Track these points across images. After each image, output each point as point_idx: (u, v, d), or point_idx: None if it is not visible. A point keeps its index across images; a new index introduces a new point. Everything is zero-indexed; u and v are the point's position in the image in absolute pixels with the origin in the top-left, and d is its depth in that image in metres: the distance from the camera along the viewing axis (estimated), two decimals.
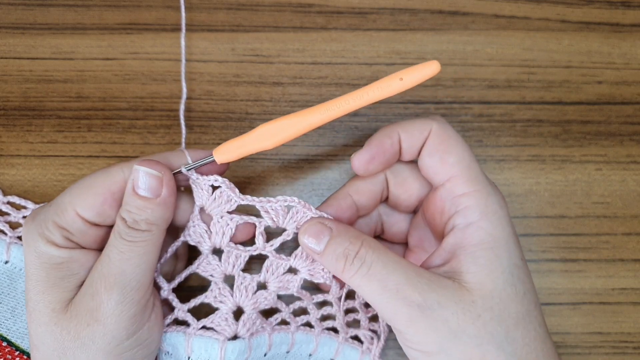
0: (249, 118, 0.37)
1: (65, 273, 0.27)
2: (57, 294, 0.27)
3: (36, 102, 0.37)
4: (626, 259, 0.37)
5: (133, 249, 0.27)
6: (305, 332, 0.33)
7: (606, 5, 0.39)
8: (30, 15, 0.38)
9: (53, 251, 0.27)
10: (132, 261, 0.27)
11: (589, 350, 0.37)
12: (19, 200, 0.36)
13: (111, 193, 0.28)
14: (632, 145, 0.38)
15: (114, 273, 0.27)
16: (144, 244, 0.27)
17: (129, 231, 0.27)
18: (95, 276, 0.27)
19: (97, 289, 0.27)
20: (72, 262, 0.27)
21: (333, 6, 0.39)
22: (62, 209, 0.27)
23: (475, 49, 0.39)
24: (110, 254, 0.27)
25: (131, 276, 0.27)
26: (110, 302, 0.27)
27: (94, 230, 0.28)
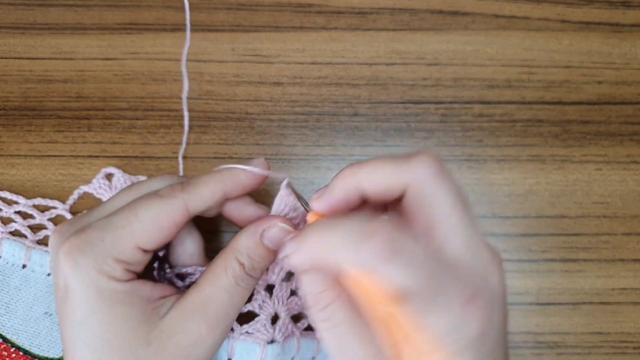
0: (249, 118, 0.37)
1: (130, 308, 0.26)
2: (130, 330, 0.26)
3: (36, 102, 0.37)
4: (626, 259, 0.37)
5: (243, 295, 0.28)
6: (309, 336, 0.34)
7: (606, 5, 0.39)
8: (30, 15, 0.38)
9: (117, 286, 0.26)
10: (238, 305, 0.28)
11: (589, 350, 0.37)
12: (10, 195, 0.36)
13: (176, 226, 0.27)
14: (632, 145, 0.38)
15: (220, 315, 0.27)
16: (250, 290, 0.28)
17: (246, 277, 0.28)
18: (197, 317, 0.27)
19: (198, 330, 0.27)
20: (134, 295, 0.26)
21: (333, 6, 0.39)
22: (124, 245, 0.26)
23: (475, 49, 0.39)
24: (220, 297, 0.27)
25: (233, 319, 0.28)
26: (210, 341, 0.27)
27: (147, 256, 0.28)
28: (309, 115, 0.38)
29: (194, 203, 0.28)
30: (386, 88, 0.38)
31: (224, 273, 0.28)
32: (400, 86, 0.38)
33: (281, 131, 0.37)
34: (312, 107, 0.38)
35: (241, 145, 0.37)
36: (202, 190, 0.28)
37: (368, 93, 0.38)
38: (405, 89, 0.38)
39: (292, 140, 0.37)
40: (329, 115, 0.38)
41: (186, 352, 0.26)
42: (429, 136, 0.38)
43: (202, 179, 0.29)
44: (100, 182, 0.36)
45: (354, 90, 0.38)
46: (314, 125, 0.38)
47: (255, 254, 0.28)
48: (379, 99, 0.38)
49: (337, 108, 0.38)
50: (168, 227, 0.27)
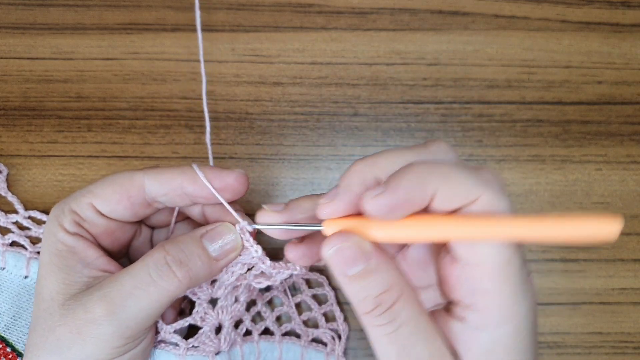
0: (249, 118, 0.37)
1: (64, 262, 0.27)
2: (57, 283, 0.27)
3: (36, 102, 0.37)
4: (626, 259, 0.37)
5: (150, 291, 0.26)
6: (267, 340, 0.34)
7: (606, 5, 0.39)
8: (30, 15, 0.38)
9: (61, 235, 0.27)
10: (141, 301, 0.26)
11: (589, 350, 0.37)
12: (40, 215, 0.36)
13: (128, 195, 0.28)
14: (632, 145, 0.38)
15: (116, 302, 0.25)
16: (162, 290, 0.26)
17: (162, 268, 0.26)
18: (97, 294, 0.26)
19: (94, 307, 0.25)
20: (71, 252, 0.27)
21: (333, 6, 0.39)
22: (80, 196, 0.28)
23: (475, 49, 0.39)
24: (124, 280, 0.26)
25: (131, 313, 0.26)
26: (106, 326, 0.25)
27: (102, 221, 0.28)
28: (309, 115, 0.38)
29: (150, 182, 0.28)
30: (386, 88, 0.38)
31: (142, 260, 0.26)
32: (400, 86, 0.38)
33: (281, 131, 0.37)
34: (312, 107, 0.38)
35: (241, 145, 0.37)
36: (162, 172, 0.28)
37: (368, 93, 0.38)
38: (405, 89, 0.38)
39: (292, 140, 0.37)
40: (329, 115, 0.38)
41: (79, 327, 0.25)
42: (429, 136, 0.38)
43: (167, 166, 0.29)
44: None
45: (354, 91, 0.38)
46: (314, 125, 0.38)
47: (186, 247, 0.27)
48: (379, 99, 0.38)
49: (337, 108, 0.38)
50: (120, 193, 0.27)
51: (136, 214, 0.29)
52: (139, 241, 0.32)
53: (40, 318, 0.27)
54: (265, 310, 0.35)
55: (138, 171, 0.28)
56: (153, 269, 0.26)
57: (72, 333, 0.25)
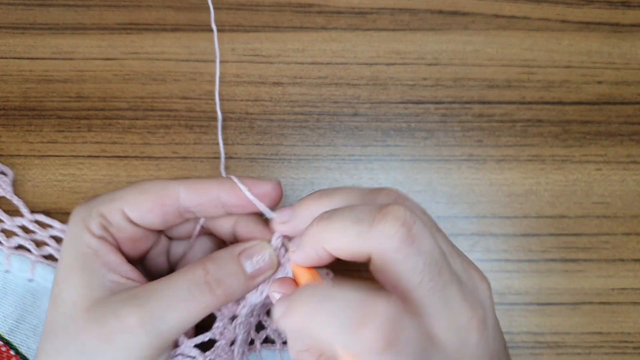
0: (249, 118, 0.37)
1: (87, 266, 0.26)
2: (80, 288, 0.26)
3: (36, 102, 0.37)
4: (626, 259, 0.37)
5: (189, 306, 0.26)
6: (269, 348, 0.34)
7: (606, 5, 0.39)
8: (30, 15, 0.38)
9: (87, 237, 0.27)
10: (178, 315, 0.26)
11: (589, 350, 0.37)
12: (45, 218, 0.36)
13: (161, 205, 0.28)
14: (632, 145, 0.38)
15: (155, 315, 0.25)
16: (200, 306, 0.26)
17: (202, 287, 0.26)
18: (133, 303, 0.25)
19: (127, 317, 0.25)
20: (96, 256, 0.27)
21: (333, 6, 0.39)
22: (110, 200, 0.27)
23: (475, 49, 0.39)
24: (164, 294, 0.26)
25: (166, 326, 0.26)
26: (137, 336, 0.25)
27: (129, 228, 0.28)
28: (309, 115, 0.38)
29: (185, 192, 0.28)
30: (386, 88, 0.38)
31: (182, 274, 0.27)
32: (400, 86, 0.38)
33: (281, 131, 0.37)
34: (312, 107, 0.38)
35: (241, 145, 0.37)
36: (198, 183, 0.28)
37: (368, 93, 0.38)
38: (405, 89, 0.38)
39: (292, 140, 0.37)
40: (329, 115, 0.38)
41: (109, 335, 0.25)
42: (428, 136, 0.38)
43: (202, 177, 0.29)
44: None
45: (354, 91, 0.38)
46: (314, 125, 0.38)
47: (225, 265, 0.27)
48: (379, 99, 0.38)
49: (337, 108, 0.38)
50: (153, 201, 0.27)
51: (166, 222, 0.29)
52: (156, 251, 0.32)
53: (59, 322, 0.26)
54: (266, 319, 0.35)
55: (172, 181, 0.28)
56: (194, 286, 0.26)
57: (100, 340, 0.25)
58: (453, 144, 0.38)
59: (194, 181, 0.28)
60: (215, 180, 0.28)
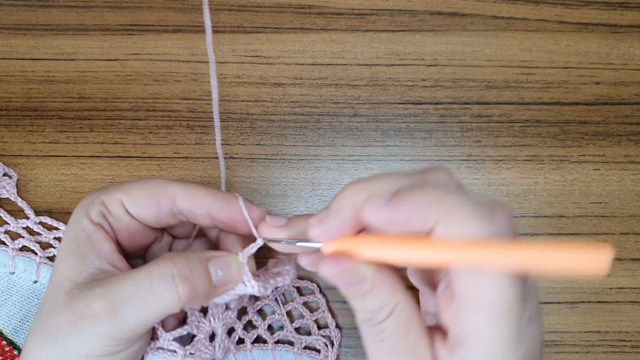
0: (250, 118, 0.38)
1: (79, 250, 0.27)
2: (68, 269, 0.27)
3: (38, 103, 0.37)
4: (624, 259, 0.37)
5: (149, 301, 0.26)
6: (260, 348, 0.34)
7: (604, 6, 0.40)
8: (32, 17, 0.38)
9: (84, 223, 0.28)
10: (140, 309, 0.26)
11: (587, 349, 0.37)
12: (51, 221, 0.36)
13: (157, 202, 0.28)
14: (629, 145, 0.38)
15: (115, 306, 0.25)
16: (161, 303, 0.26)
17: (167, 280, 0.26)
18: (99, 291, 0.26)
19: (93, 303, 0.25)
20: (88, 241, 0.27)
21: (333, 7, 0.39)
22: (112, 191, 0.28)
23: (474, 49, 0.39)
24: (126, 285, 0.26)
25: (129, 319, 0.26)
26: (95, 326, 0.25)
27: (127, 219, 0.29)
28: (309, 115, 0.38)
29: (181, 195, 0.28)
30: (386, 89, 0.38)
31: (146, 267, 0.27)
32: (399, 87, 0.38)
33: (281, 132, 0.38)
34: (312, 107, 0.38)
35: (242, 145, 0.37)
36: (194, 189, 0.29)
37: (368, 94, 0.38)
38: (405, 89, 0.38)
39: (292, 140, 0.38)
40: (329, 116, 0.38)
41: (76, 319, 0.25)
42: (428, 136, 0.38)
43: (201, 185, 0.30)
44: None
45: (353, 91, 0.38)
46: (314, 125, 0.38)
47: (193, 266, 0.27)
48: (378, 99, 0.38)
49: (337, 109, 0.38)
50: (150, 196, 0.28)
51: (160, 221, 0.29)
52: (158, 246, 0.32)
53: (47, 302, 0.27)
54: (257, 318, 0.35)
55: (173, 182, 0.29)
56: (156, 279, 0.26)
57: (70, 323, 0.26)
58: (452, 144, 0.38)
59: (192, 188, 0.29)
60: (211, 194, 0.29)
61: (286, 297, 0.36)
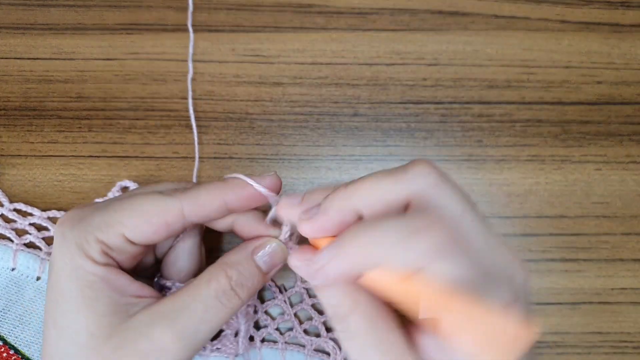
0: (249, 118, 0.37)
1: (98, 294, 0.26)
2: (94, 317, 0.25)
3: (37, 102, 0.37)
4: (625, 259, 0.37)
5: (221, 313, 0.26)
6: (270, 347, 0.34)
7: (606, 5, 0.39)
8: (30, 16, 0.38)
9: (89, 266, 0.26)
10: (212, 323, 0.26)
11: (588, 350, 0.37)
12: (25, 207, 0.36)
13: (166, 225, 0.27)
14: (631, 145, 0.38)
15: (189, 328, 0.25)
16: (229, 312, 0.27)
17: (230, 294, 0.27)
18: (164, 323, 0.25)
19: (162, 338, 0.25)
20: (104, 282, 0.26)
21: (333, 6, 0.39)
22: (108, 226, 0.26)
23: (475, 49, 0.39)
24: (194, 307, 0.26)
25: (204, 337, 0.26)
26: (173, 353, 0.25)
27: (132, 248, 0.27)
28: (309, 115, 0.38)
29: (190, 207, 0.27)
30: (386, 88, 0.38)
31: (206, 284, 0.26)
32: (400, 86, 0.38)
33: (281, 131, 0.37)
34: (312, 107, 0.38)
35: (241, 145, 0.37)
36: (200, 194, 0.27)
37: (368, 93, 0.38)
38: (405, 89, 0.38)
39: (292, 140, 0.37)
40: (329, 116, 0.38)
41: (144, 358, 0.25)
42: (428, 136, 0.38)
43: (203, 185, 0.28)
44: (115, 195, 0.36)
45: (354, 91, 0.38)
46: (314, 125, 0.38)
47: (244, 269, 0.27)
48: (379, 99, 0.38)
49: (337, 108, 0.38)
50: (157, 224, 0.26)
51: (170, 236, 0.28)
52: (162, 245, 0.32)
53: (75, 354, 0.25)
54: (266, 317, 0.35)
55: (172, 198, 0.27)
56: (222, 295, 0.27)
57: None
58: (453, 144, 0.38)
59: (196, 194, 0.27)
60: (215, 189, 0.28)
61: (292, 300, 0.36)
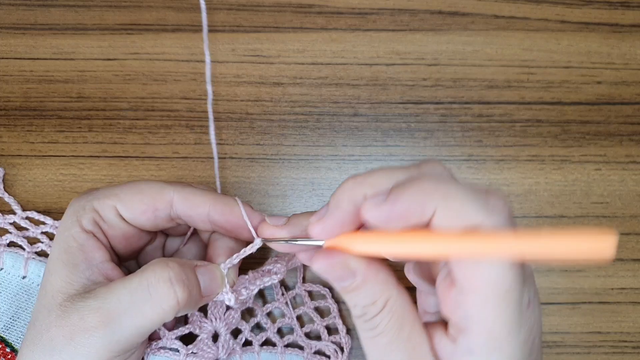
0: (249, 118, 0.38)
1: (71, 260, 0.26)
2: (61, 281, 0.26)
3: (37, 102, 0.37)
4: (625, 259, 0.37)
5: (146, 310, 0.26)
6: (269, 350, 0.34)
7: (605, 5, 0.40)
8: (31, 16, 0.38)
9: (76, 231, 0.27)
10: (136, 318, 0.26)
11: (588, 350, 0.37)
12: (38, 215, 0.36)
13: (154, 209, 0.28)
14: (631, 145, 0.38)
15: (112, 317, 0.25)
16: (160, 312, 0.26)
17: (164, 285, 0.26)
18: (94, 304, 0.25)
19: (88, 317, 0.25)
20: (80, 251, 0.27)
21: (333, 7, 0.39)
22: (104, 197, 0.28)
23: (475, 49, 0.39)
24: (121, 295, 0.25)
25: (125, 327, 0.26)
26: (91, 339, 0.25)
27: (122, 225, 0.28)
28: (309, 115, 0.38)
29: (180, 201, 0.28)
30: (386, 88, 0.38)
31: (140, 273, 0.26)
32: (400, 86, 0.38)
33: (281, 131, 0.38)
34: (312, 107, 0.38)
35: (241, 145, 0.37)
36: (195, 195, 0.28)
37: (368, 93, 0.38)
38: (405, 89, 0.38)
39: (292, 140, 0.37)
40: (329, 116, 0.38)
41: (73, 334, 0.25)
42: (428, 136, 0.38)
43: (201, 188, 0.29)
44: None
45: (354, 91, 0.38)
46: (314, 125, 0.38)
47: (188, 272, 0.27)
48: (378, 99, 0.38)
49: (337, 108, 0.38)
50: (147, 204, 0.27)
51: (157, 225, 0.29)
52: (152, 246, 0.32)
53: (40, 314, 0.26)
54: (266, 321, 0.34)
55: (169, 185, 0.28)
56: (153, 284, 0.26)
57: (66, 337, 0.25)
58: (453, 144, 0.38)
59: (190, 191, 0.28)
60: (210, 198, 0.28)
61: (297, 301, 0.36)
